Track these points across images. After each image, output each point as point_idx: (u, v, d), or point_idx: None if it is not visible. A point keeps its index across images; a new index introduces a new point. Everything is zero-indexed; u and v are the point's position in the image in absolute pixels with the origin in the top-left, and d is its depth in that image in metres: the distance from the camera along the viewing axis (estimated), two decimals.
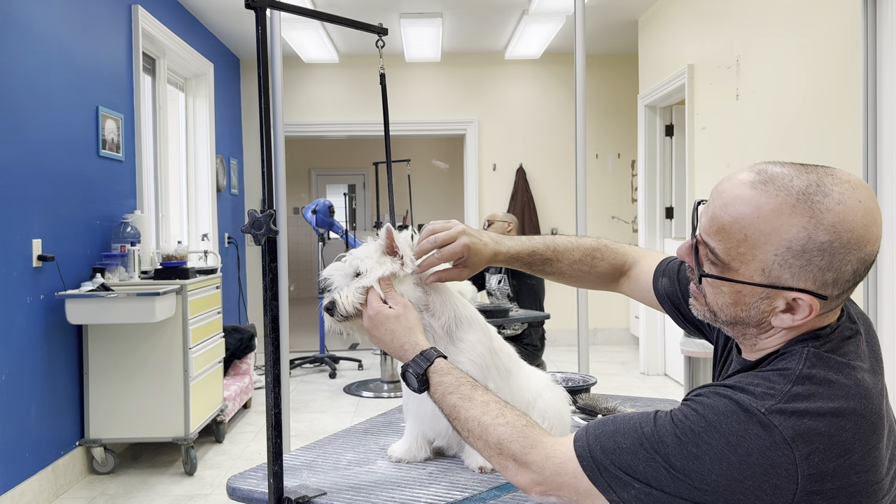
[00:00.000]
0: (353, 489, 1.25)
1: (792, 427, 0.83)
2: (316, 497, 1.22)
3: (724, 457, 0.84)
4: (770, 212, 0.88)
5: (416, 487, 1.25)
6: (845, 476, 0.84)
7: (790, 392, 0.86)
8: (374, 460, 1.39)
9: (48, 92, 3.23)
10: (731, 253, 0.91)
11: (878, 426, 0.87)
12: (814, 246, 0.87)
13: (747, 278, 0.91)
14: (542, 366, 4.02)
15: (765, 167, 0.92)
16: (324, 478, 1.31)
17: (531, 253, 1.31)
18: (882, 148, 2.70)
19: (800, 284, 0.89)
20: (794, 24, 3.32)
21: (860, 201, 0.88)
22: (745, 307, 0.94)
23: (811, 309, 0.90)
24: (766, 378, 0.89)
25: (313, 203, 5.95)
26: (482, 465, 1.29)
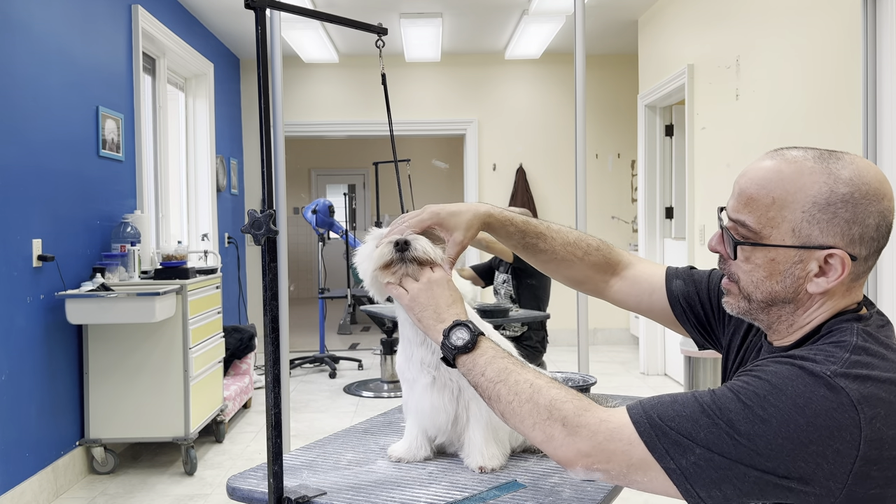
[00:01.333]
0: (354, 489, 1.25)
1: (857, 390, 0.85)
2: (316, 497, 1.21)
3: (792, 418, 0.85)
4: (792, 173, 0.96)
5: (416, 487, 1.24)
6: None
7: (850, 359, 0.88)
8: (374, 460, 1.39)
9: (48, 92, 3.23)
10: (762, 220, 0.96)
11: None
12: (837, 198, 0.93)
13: (780, 242, 0.96)
14: (543, 366, 4.02)
15: (776, 150, 1.00)
16: (324, 478, 1.30)
17: (525, 221, 1.28)
18: (882, 148, 2.70)
19: (829, 241, 0.94)
20: (794, 24, 3.32)
21: (869, 164, 0.97)
22: (781, 277, 0.97)
23: (843, 267, 0.94)
24: (821, 349, 0.91)
25: (313, 203, 5.95)
26: (482, 465, 1.29)
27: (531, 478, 1.28)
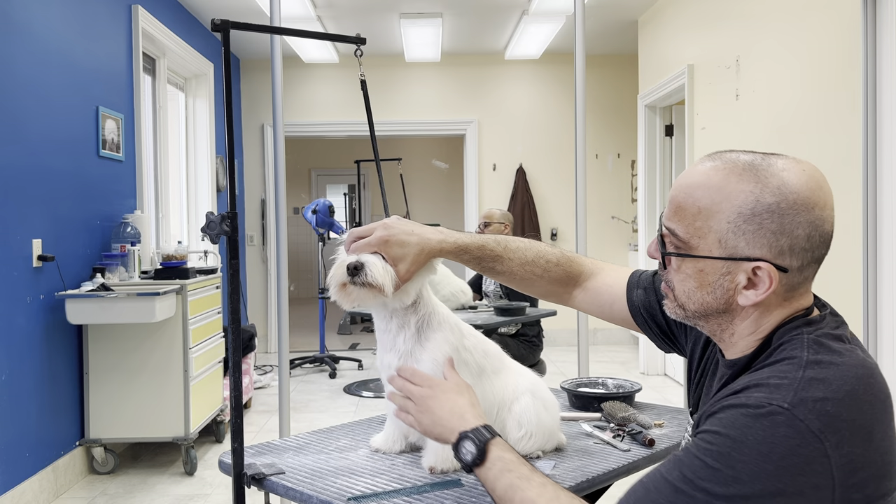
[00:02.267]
0: (313, 472, 1.33)
1: (817, 417, 0.81)
2: (272, 475, 1.31)
3: (761, 468, 0.81)
4: (719, 181, 0.92)
5: (366, 476, 1.30)
6: (872, 461, 0.83)
7: (804, 378, 0.84)
8: (358, 448, 1.47)
9: (48, 92, 3.23)
10: (690, 229, 0.94)
11: (888, 405, 0.87)
12: (762, 208, 0.89)
13: (707, 253, 0.93)
14: (541, 364, 4.02)
15: (709, 155, 0.97)
16: (301, 460, 1.40)
17: (480, 247, 1.27)
18: (882, 148, 2.70)
19: (756, 253, 0.91)
20: (795, 24, 3.32)
21: (804, 170, 0.92)
22: (711, 288, 0.95)
23: (771, 280, 0.91)
24: (774, 370, 0.88)
25: (313, 203, 5.95)
26: (432, 466, 1.31)
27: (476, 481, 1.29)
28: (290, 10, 4.98)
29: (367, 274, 1.20)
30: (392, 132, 6.77)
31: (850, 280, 2.87)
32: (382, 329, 1.33)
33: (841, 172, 2.95)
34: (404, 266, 1.22)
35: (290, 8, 4.94)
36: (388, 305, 1.29)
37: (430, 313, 1.32)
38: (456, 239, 1.25)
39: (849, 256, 2.88)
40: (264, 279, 6.79)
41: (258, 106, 6.71)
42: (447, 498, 1.19)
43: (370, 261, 1.21)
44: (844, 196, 2.92)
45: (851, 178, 2.87)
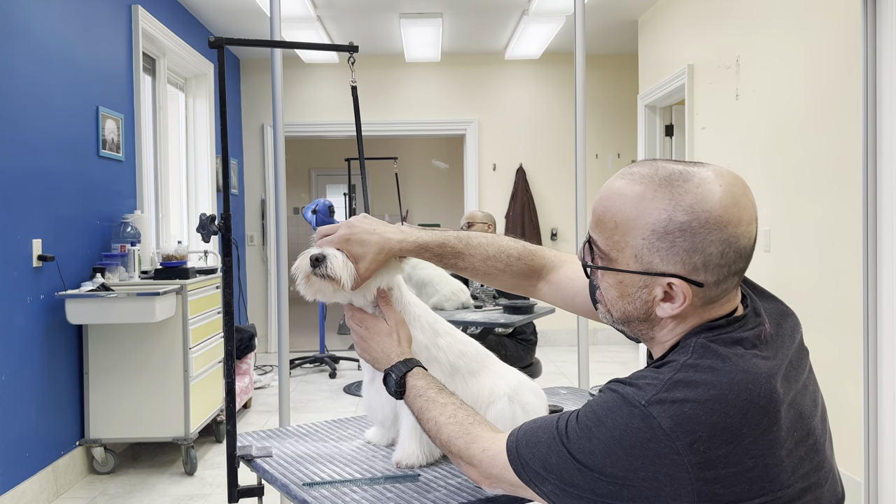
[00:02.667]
0: (299, 457, 1.44)
1: (670, 417, 0.85)
2: (259, 457, 1.44)
3: (612, 450, 0.87)
4: (634, 197, 0.93)
5: (339, 464, 1.39)
6: (739, 461, 0.85)
7: (671, 379, 0.88)
8: (355, 439, 1.56)
9: (48, 92, 3.23)
10: (609, 242, 0.96)
11: (770, 410, 0.87)
12: (675, 227, 0.90)
13: (624, 266, 0.95)
14: (537, 365, 4.01)
15: (636, 164, 0.98)
16: (296, 446, 1.51)
17: (441, 244, 1.30)
18: (882, 148, 2.70)
19: (670, 269, 0.92)
20: (794, 24, 3.32)
21: (720, 185, 0.91)
22: (630, 299, 0.97)
23: (685, 296, 0.92)
24: (654, 371, 0.92)
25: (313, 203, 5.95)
26: (398, 461, 1.36)
27: (439, 475, 1.33)
28: (290, 9, 4.98)
29: (327, 266, 1.25)
30: (392, 132, 6.77)
31: (851, 280, 2.87)
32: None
33: (841, 172, 2.95)
34: (364, 264, 1.26)
35: (290, 8, 4.94)
36: (355, 302, 1.34)
37: (401, 312, 1.36)
38: (416, 237, 1.29)
39: (849, 256, 2.88)
40: (264, 279, 6.79)
41: (258, 106, 6.71)
42: (395, 490, 1.26)
43: (332, 254, 1.26)
44: (844, 195, 2.92)
45: (851, 177, 2.87)
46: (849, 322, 2.89)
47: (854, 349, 2.85)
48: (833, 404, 3.03)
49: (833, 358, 3.02)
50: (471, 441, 1.07)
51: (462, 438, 1.08)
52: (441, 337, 1.37)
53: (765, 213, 3.59)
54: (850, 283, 2.87)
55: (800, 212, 3.27)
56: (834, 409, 3.02)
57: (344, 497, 1.23)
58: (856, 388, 2.84)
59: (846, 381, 2.93)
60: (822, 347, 3.09)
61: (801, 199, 3.26)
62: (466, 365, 1.38)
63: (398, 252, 1.29)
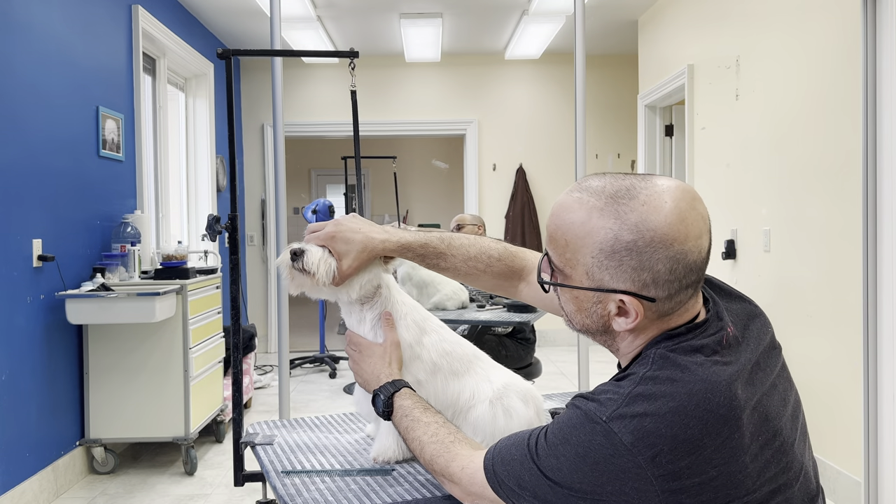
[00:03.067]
0: (296, 447, 1.51)
1: (631, 433, 0.86)
2: (261, 444, 1.52)
3: (578, 466, 0.89)
4: (582, 216, 0.94)
5: (329, 455, 1.46)
6: (703, 471, 0.85)
7: (631, 394, 0.89)
8: (359, 432, 1.61)
9: (48, 92, 3.23)
10: (562, 259, 0.97)
11: (731, 418, 0.87)
12: (621, 246, 0.91)
13: (578, 282, 0.96)
14: (537, 364, 4.01)
15: (587, 178, 0.98)
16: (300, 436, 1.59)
17: (423, 245, 1.33)
18: (882, 148, 2.70)
19: (620, 286, 0.93)
20: (794, 24, 3.32)
21: (666, 202, 0.91)
22: (587, 313, 0.98)
23: (637, 312, 0.93)
24: (615, 384, 0.93)
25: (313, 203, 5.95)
26: (374, 456, 1.40)
27: (412, 471, 1.37)
28: (290, 9, 4.98)
29: (303, 261, 1.29)
30: (392, 132, 6.77)
31: (851, 280, 2.87)
32: (347, 323, 1.44)
33: (841, 171, 2.95)
34: (347, 262, 1.30)
35: (290, 8, 4.94)
36: (340, 299, 1.38)
37: (388, 309, 1.38)
38: (399, 238, 1.32)
39: (849, 256, 2.88)
40: (264, 279, 6.80)
41: (258, 106, 6.71)
42: (362, 483, 1.31)
43: (310, 249, 1.30)
44: (844, 195, 2.92)
45: (851, 177, 2.87)
46: (849, 322, 2.89)
47: (854, 349, 2.85)
48: (833, 404, 3.03)
49: (833, 358, 3.02)
50: (451, 459, 1.09)
51: (443, 457, 1.10)
52: (427, 335, 1.39)
53: (765, 212, 3.59)
54: (850, 283, 2.87)
55: (800, 212, 3.27)
56: (834, 408, 3.02)
57: (311, 486, 1.30)
58: (856, 388, 2.84)
59: (846, 381, 2.93)
60: (823, 347, 3.09)
61: (801, 198, 3.26)
62: (449, 365, 1.38)
63: (381, 252, 1.32)
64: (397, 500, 1.24)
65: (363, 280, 1.35)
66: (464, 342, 1.43)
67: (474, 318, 3.49)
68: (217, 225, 1.60)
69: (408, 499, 1.24)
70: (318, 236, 1.32)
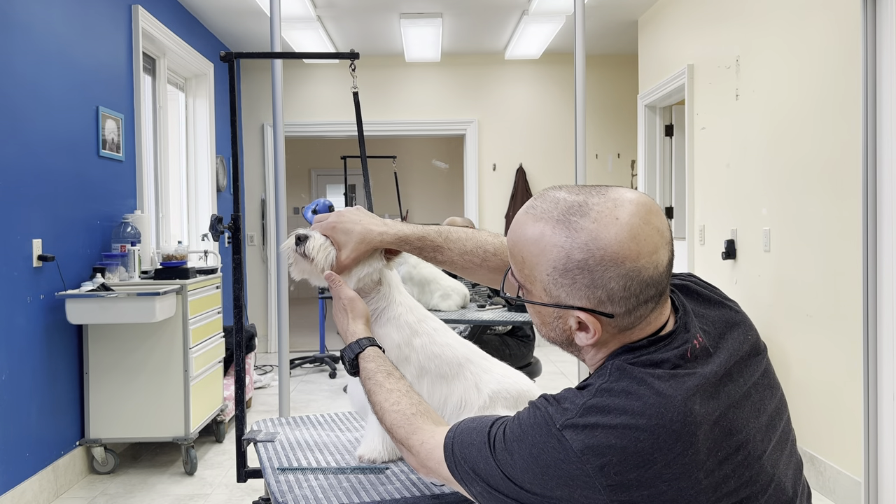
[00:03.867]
0: (296, 444, 1.53)
1: (581, 441, 0.87)
2: (262, 441, 1.54)
3: (529, 466, 0.90)
4: (536, 234, 0.94)
5: (327, 453, 1.48)
6: (652, 485, 0.85)
7: (585, 405, 0.89)
8: (361, 430, 1.64)
9: (48, 92, 3.23)
10: (521, 275, 0.98)
11: (684, 434, 0.86)
12: (573, 265, 0.91)
13: (538, 298, 0.97)
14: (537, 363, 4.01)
15: (544, 192, 0.98)
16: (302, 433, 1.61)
17: (421, 238, 1.36)
18: (882, 148, 2.70)
19: (577, 302, 0.93)
20: (794, 24, 3.32)
21: (617, 218, 0.90)
22: (550, 327, 0.99)
23: (595, 329, 0.93)
24: (575, 392, 0.93)
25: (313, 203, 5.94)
26: (361, 454, 1.42)
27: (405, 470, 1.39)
28: (290, 9, 4.98)
29: (305, 246, 1.33)
30: (392, 132, 6.77)
31: (851, 280, 2.87)
32: None
33: (841, 171, 2.95)
34: (345, 252, 1.34)
35: (290, 8, 4.94)
36: None
37: (384, 308, 1.40)
38: (398, 231, 1.35)
39: (849, 256, 2.88)
40: (264, 279, 6.80)
41: (258, 106, 6.71)
42: (354, 480, 1.33)
43: (313, 235, 1.34)
44: (844, 195, 2.92)
45: (851, 177, 2.87)
46: (849, 322, 2.89)
47: (854, 349, 2.85)
48: (833, 404, 3.03)
49: (833, 358, 3.02)
50: (411, 432, 1.10)
51: (403, 428, 1.11)
52: (418, 337, 1.39)
53: (764, 212, 3.59)
54: (850, 283, 2.87)
55: (799, 212, 3.27)
56: (834, 408, 3.02)
57: (304, 482, 1.32)
58: (856, 387, 2.84)
59: (846, 381, 2.93)
60: (823, 347, 3.09)
61: (800, 198, 3.26)
62: (437, 368, 1.38)
63: (379, 244, 1.35)
64: (386, 499, 1.25)
65: (362, 272, 1.37)
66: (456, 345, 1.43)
67: (474, 317, 3.49)
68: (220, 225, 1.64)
69: (396, 497, 1.25)
70: (321, 226, 1.36)
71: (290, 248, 1.37)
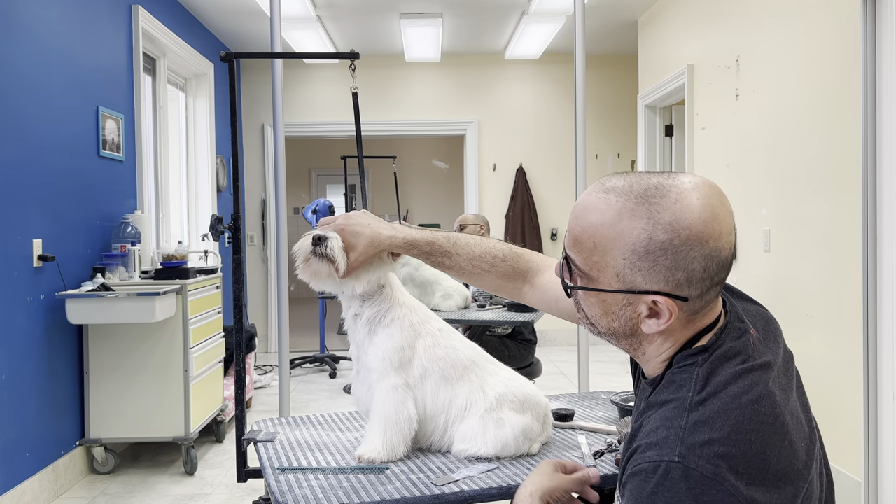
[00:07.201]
0: (296, 444, 1.54)
1: (708, 462, 0.82)
2: (262, 440, 1.55)
3: None
4: (612, 217, 0.90)
5: (327, 453, 1.48)
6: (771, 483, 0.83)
7: (688, 424, 0.85)
8: (361, 430, 1.63)
9: (48, 92, 3.23)
10: (588, 263, 0.93)
11: (777, 424, 0.86)
12: (656, 246, 0.88)
13: (606, 286, 0.93)
14: (537, 363, 4.01)
15: (610, 178, 0.95)
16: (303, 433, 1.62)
17: (429, 242, 1.35)
18: (882, 148, 2.71)
19: (654, 287, 0.90)
20: (794, 23, 3.33)
21: (698, 199, 0.89)
22: (615, 316, 0.95)
23: (671, 312, 0.91)
24: (664, 417, 0.88)
25: (313, 203, 5.95)
26: (360, 454, 1.41)
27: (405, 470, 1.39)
28: (290, 9, 4.98)
29: (327, 247, 1.32)
30: (392, 132, 6.78)
31: (851, 280, 2.87)
32: (346, 318, 1.46)
33: (841, 171, 2.95)
34: (354, 254, 1.34)
35: (290, 8, 4.94)
36: (344, 292, 1.40)
37: (387, 310, 1.40)
38: (406, 235, 1.35)
39: (849, 256, 2.88)
40: (264, 279, 6.80)
41: (258, 106, 6.71)
42: (355, 480, 1.33)
43: (333, 236, 1.33)
44: (844, 195, 2.92)
45: (851, 177, 2.87)
46: (849, 322, 2.89)
47: (854, 349, 2.85)
48: (833, 404, 3.03)
49: (833, 358, 3.02)
50: None
51: None
52: (421, 339, 1.40)
53: (765, 212, 3.59)
54: (850, 282, 2.87)
55: (800, 212, 3.27)
56: (834, 408, 3.02)
57: (304, 482, 1.32)
58: (856, 388, 2.84)
59: (846, 381, 2.93)
60: (822, 347, 3.09)
61: (800, 198, 3.26)
62: (441, 370, 1.38)
63: (387, 247, 1.35)
64: (386, 499, 1.24)
65: (371, 276, 1.38)
66: (460, 346, 1.43)
67: (475, 317, 3.49)
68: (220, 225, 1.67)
69: (396, 497, 1.25)
70: (328, 228, 1.36)
71: (306, 248, 1.36)
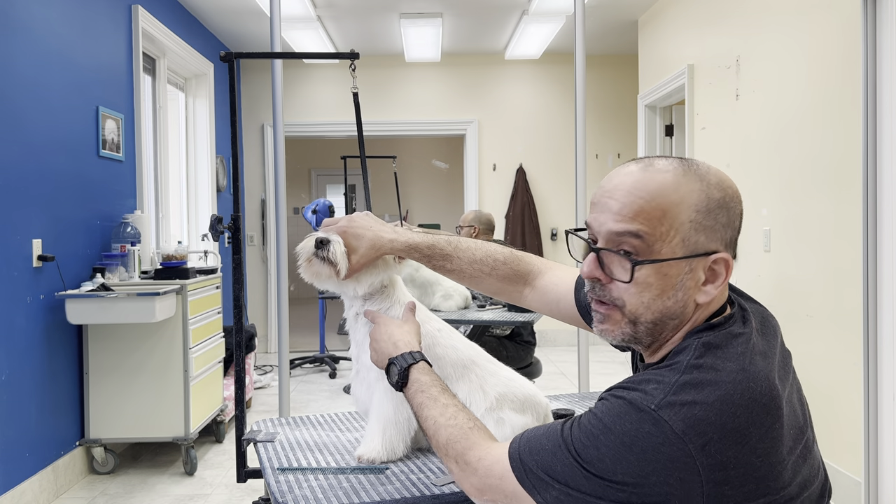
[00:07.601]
0: (296, 444, 1.54)
1: (682, 420, 0.85)
2: (262, 441, 1.55)
3: (623, 456, 0.87)
4: (672, 182, 0.94)
5: (327, 453, 1.49)
6: (748, 461, 0.86)
7: (678, 382, 0.88)
8: (360, 430, 1.64)
9: (48, 92, 3.23)
10: (657, 232, 0.94)
11: (772, 408, 0.88)
12: (714, 204, 0.94)
13: (671, 255, 0.94)
14: (537, 364, 4.01)
15: (639, 159, 0.99)
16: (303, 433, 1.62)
17: (431, 246, 1.35)
18: (882, 148, 2.71)
19: (713, 246, 0.95)
20: (794, 23, 3.32)
21: (717, 167, 0.99)
22: (673, 291, 0.95)
23: (727, 269, 0.95)
24: (657, 373, 0.92)
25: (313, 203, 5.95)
26: (360, 455, 1.42)
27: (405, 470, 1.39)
28: (290, 9, 4.98)
29: (329, 250, 1.33)
30: (392, 132, 6.78)
31: (850, 280, 2.87)
32: (347, 317, 1.47)
33: (841, 171, 2.95)
34: (355, 257, 1.35)
35: (290, 8, 4.94)
36: (345, 293, 1.41)
37: (388, 309, 1.41)
38: (407, 238, 1.35)
39: (849, 256, 2.88)
40: (264, 279, 6.80)
41: (258, 106, 6.71)
42: (354, 481, 1.33)
43: (336, 239, 1.34)
44: (844, 195, 2.92)
45: (851, 177, 2.87)
46: (849, 322, 2.89)
47: (854, 349, 2.85)
48: (833, 404, 3.03)
49: (833, 358, 3.02)
50: (468, 447, 1.06)
51: (461, 443, 1.07)
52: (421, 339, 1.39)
53: (765, 212, 3.59)
54: (850, 282, 2.87)
55: (800, 212, 3.27)
56: (834, 408, 3.02)
57: (304, 482, 1.32)
58: (856, 388, 2.84)
59: (846, 381, 2.93)
60: (823, 347, 3.09)
61: (801, 198, 3.26)
62: (441, 370, 1.39)
63: (389, 250, 1.35)
64: (386, 499, 1.24)
65: (373, 277, 1.39)
66: (461, 346, 1.43)
67: (474, 317, 3.49)
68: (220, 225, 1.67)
69: (396, 497, 1.25)
70: (330, 230, 1.37)
71: (308, 250, 1.36)
